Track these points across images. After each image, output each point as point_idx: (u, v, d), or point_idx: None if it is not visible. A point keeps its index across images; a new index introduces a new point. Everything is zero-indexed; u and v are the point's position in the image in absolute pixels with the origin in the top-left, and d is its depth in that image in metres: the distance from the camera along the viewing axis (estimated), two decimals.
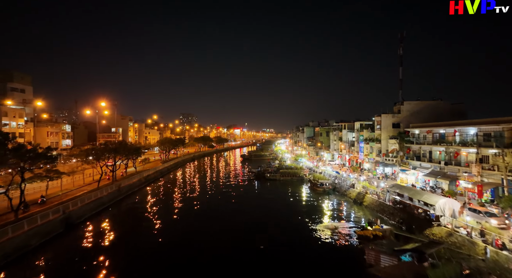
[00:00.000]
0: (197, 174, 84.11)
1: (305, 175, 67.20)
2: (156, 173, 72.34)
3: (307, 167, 75.90)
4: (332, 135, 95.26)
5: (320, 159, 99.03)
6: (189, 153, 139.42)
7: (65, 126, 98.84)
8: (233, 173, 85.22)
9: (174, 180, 72.95)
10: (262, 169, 73.05)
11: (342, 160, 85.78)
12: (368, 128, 71.32)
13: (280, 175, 67.73)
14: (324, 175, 60.25)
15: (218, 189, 61.67)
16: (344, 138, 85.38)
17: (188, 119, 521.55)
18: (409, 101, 62.94)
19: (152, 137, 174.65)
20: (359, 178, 50.62)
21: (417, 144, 51.46)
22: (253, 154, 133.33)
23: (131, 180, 55.77)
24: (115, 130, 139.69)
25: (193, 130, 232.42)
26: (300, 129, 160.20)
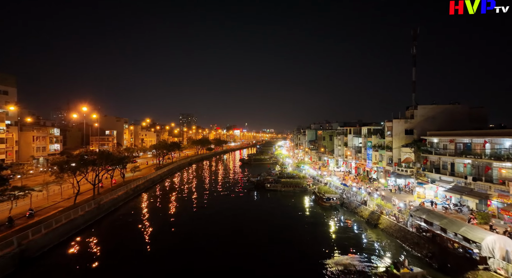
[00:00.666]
0: (192, 182, 78.13)
1: (308, 185, 61.20)
2: (147, 183, 66.27)
3: (310, 175, 69.90)
4: (336, 139, 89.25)
5: (323, 165, 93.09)
6: (186, 156, 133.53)
7: (53, 130, 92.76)
8: (231, 181, 79.22)
9: (166, 190, 66.94)
10: (261, 178, 67.07)
11: (348, 167, 79.80)
12: (377, 134, 65.34)
13: (282, 186, 61.73)
14: (330, 187, 54.24)
15: (214, 202, 55.67)
16: (350, 144, 79.37)
17: (187, 119, 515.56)
18: (424, 105, 56.93)
19: (148, 140, 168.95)
20: (373, 194, 44.44)
21: (436, 155, 45.42)
22: (252, 158, 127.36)
23: (115, 193, 49.73)
24: (109, 132, 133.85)
25: (192, 132, 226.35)
26: (302, 132, 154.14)
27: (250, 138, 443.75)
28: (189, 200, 57.06)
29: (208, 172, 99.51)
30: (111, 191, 50.51)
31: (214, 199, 58.12)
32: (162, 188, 68.51)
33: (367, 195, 43.39)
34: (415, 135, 56.10)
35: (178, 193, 62.87)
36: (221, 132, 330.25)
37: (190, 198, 59.03)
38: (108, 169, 49.21)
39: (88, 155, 46.66)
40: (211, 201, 56.47)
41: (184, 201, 56.59)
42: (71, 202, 43.02)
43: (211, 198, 58.53)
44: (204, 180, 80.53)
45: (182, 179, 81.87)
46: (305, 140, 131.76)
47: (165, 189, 67.72)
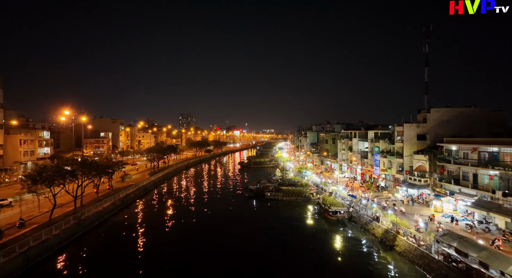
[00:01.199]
0: (188, 189, 73.36)
1: (312, 194, 56.44)
2: (138, 191, 61.46)
3: (313, 182, 65.13)
4: (339, 143, 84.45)
5: (326, 169, 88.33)
6: (184, 159, 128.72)
7: (42, 132, 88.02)
8: (229, 188, 74.46)
9: (159, 199, 62.16)
10: (261, 185, 62.31)
11: (353, 173, 75.07)
12: (385, 139, 60.58)
13: (283, 195, 56.95)
14: (336, 198, 49.47)
15: (210, 213, 50.95)
16: (355, 148, 74.60)
17: (187, 119, 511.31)
18: (437, 108, 52.17)
19: (146, 141, 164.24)
20: (387, 209, 39.47)
21: (455, 164, 40.65)
22: (252, 161, 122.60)
23: (101, 205, 44.98)
24: (104, 134, 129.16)
25: (190, 133, 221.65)
26: (303, 133, 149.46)
27: (250, 138, 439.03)
28: (182, 211, 52.32)
29: (205, 177, 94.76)
30: (97, 202, 45.79)
31: (210, 209, 53.38)
32: (154, 196, 63.71)
33: (379, 210, 38.53)
34: (428, 140, 51.39)
35: (171, 203, 58.12)
36: (221, 133, 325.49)
37: (184, 208, 54.30)
38: (92, 179, 44.28)
39: (70, 164, 41.83)
40: (206, 212, 51.73)
41: (178, 212, 51.86)
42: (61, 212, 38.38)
43: (207, 208, 53.79)
44: (201, 187, 75.75)
45: (177, 186, 77.10)
46: (307, 142, 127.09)
47: (158, 197, 62.94)
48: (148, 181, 69.49)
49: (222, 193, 67.51)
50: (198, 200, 60.62)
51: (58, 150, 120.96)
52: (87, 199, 49.17)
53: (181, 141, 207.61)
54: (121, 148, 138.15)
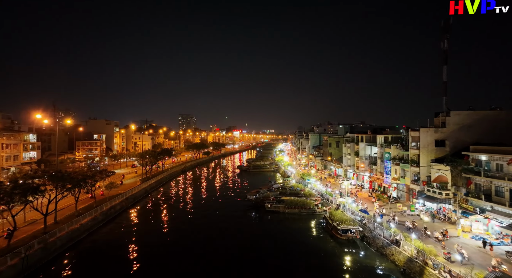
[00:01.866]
0: (181, 198, 67.60)
1: (316, 206, 50.65)
2: (126, 201, 55.70)
3: (317, 191, 59.36)
4: (345, 147, 78.67)
5: (331, 175, 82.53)
6: (182, 161, 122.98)
7: (28, 135, 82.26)
8: (226, 196, 68.67)
9: (147, 210, 56.41)
10: (261, 195, 56.56)
11: (359, 180, 69.30)
12: (396, 144, 54.80)
13: (285, 206, 51.15)
14: (344, 212, 43.69)
15: (203, 227, 45.20)
16: (362, 153, 68.85)
17: (187, 120, 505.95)
18: (458, 111, 46.45)
19: (142, 143, 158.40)
20: (410, 233, 33.51)
21: (486, 177, 34.87)
22: (252, 164, 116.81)
23: (77, 222, 39.20)
24: (98, 137, 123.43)
25: (189, 134, 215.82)
26: (304, 135, 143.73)
27: (250, 139, 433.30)
28: (174, 225, 46.58)
29: (202, 182, 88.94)
30: (75, 218, 40.09)
31: (204, 223, 47.66)
32: (143, 207, 57.92)
33: (399, 232, 32.68)
34: (447, 147, 45.67)
35: (162, 215, 52.37)
36: (220, 134, 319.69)
37: (175, 221, 48.54)
38: (65, 193, 38.43)
39: (39, 176, 36.04)
40: (200, 226, 45.96)
41: (168, 226, 46.12)
42: (16, 237, 32.58)
43: (201, 222, 48.07)
44: (196, 195, 69.96)
45: (171, 193, 71.28)
46: (308, 144, 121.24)
47: (148, 208, 57.16)
48: (138, 189, 63.70)
49: (218, 202, 61.74)
50: (192, 210, 54.87)
51: (49, 153, 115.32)
52: (65, 212, 43.51)
53: (180, 142, 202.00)
54: (115, 151, 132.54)
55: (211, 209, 55.74)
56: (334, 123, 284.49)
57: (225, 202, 61.47)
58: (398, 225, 36.67)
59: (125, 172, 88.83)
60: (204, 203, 61.36)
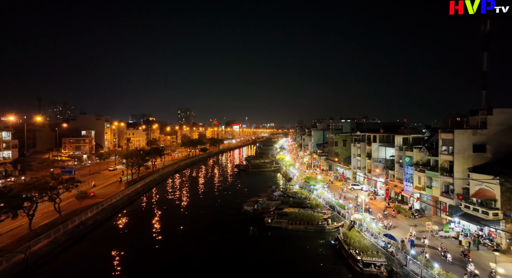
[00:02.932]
0: (170, 204, 59.21)
1: (326, 221, 42.07)
2: (102, 213, 47.15)
3: (326, 201, 50.80)
4: (354, 147, 69.97)
5: (337, 177, 73.93)
6: (176, 159, 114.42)
7: (1, 133, 73.42)
8: (221, 203, 60.22)
9: (128, 223, 48.01)
10: (259, 206, 48.03)
11: (371, 185, 60.81)
12: (420, 146, 46.10)
13: (288, 222, 42.56)
14: (362, 232, 35.17)
15: (190, 246, 36.78)
16: (375, 155, 60.18)
17: (186, 114, 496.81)
18: (502, 109, 37.57)
19: (136, 139, 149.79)
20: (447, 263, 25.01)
21: None
22: (250, 163, 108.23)
23: (23, 251, 30.62)
24: (86, 133, 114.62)
25: (186, 129, 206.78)
26: (306, 132, 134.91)
27: (250, 134, 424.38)
28: (154, 244, 38.16)
29: (195, 185, 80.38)
30: (28, 241, 31.67)
31: (192, 240, 39.41)
32: (123, 219, 49.42)
33: (441, 271, 24.13)
34: (488, 152, 36.95)
35: (141, 231, 43.91)
36: (219, 129, 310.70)
37: (157, 239, 40.09)
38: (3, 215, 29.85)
39: None
40: (186, 246, 37.59)
41: (147, 246, 37.66)
42: None
43: (188, 239, 39.74)
44: (186, 201, 61.49)
45: (158, 200, 62.68)
46: (311, 142, 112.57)
47: (127, 222, 48.62)
48: (120, 197, 55.15)
49: (211, 212, 53.27)
50: (179, 224, 46.40)
51: (33, 151, 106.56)
52: (16, 233, 35.10)
53: (177, 137, 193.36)
54: (106, 148, 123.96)
55: (202, 223, 47.32)
56: (336, 118, 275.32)
57: (219, 212, 52.97)
58: (432, 249, 28.10)
59: (112, 173, 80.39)
60: (194, 213, 52.93)
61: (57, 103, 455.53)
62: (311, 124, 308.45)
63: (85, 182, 64.67)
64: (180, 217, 50.51)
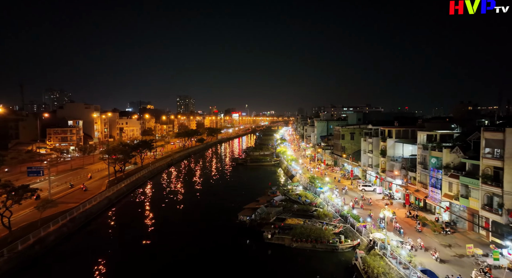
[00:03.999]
0: (154, 210, 51.53)
1: (338, 238, 34.14)
2: (69, 225, 39.20)
3: (335, 208, 42.86)
4: (364, 142, 61.66)
5: (345, 175, 65.93)
6: (170, 152, 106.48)
7: None
8: (214, 206, 52.51)
9: (99, 237, 40.24)
10: (258, 216, 40.08)
11: (385, 187, 52.96)
12: (454, 146, 37.78)
13: (291, 238, 34.57)
14: (388, 260, 27.34)
15: (174, 271, 29.15)
16: (391, 152, 51.99)
17: (185, 101, 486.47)
18: None
19: (130, 129, 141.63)
20: None
21: None
22: (249, 156, 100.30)
23: None
24: (73, 123, 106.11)
25: (183, 118, 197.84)
26: (309, 122, 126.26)
27: (250, 122, 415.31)
28: (129, 264, 30.46)
29: (187, 182, 72.47)
30: None
31: (175, 261, 31.66)
32: (97, 230, 41.68)
33: None
34: None
35: (116, 245, 36.21)
36: (218, 117, 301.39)
37: (135, 255, 32.39)
38: None
39: None
40: (170, 266, 29.91)
41: (120, 267, 29.97)
42: None
43: (171, 258, 32.04)
44: (174, 205, 53.65)
45: (142, 203, 54.82)
46: (314, 133, 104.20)
47: (101, 233, 40.87)
48: (96, 201, 47.20)
49: (202, 220, 45.50)
50: (162, 235, 38.75)
51: (16, 142, 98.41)
52: None
53: (173, 127, 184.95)
54: (96, 138, 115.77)
55: (190, 236, 39.58)
56: (338, 106, 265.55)
57: (210, 220, 45.13)
58: None
59: (97, 168, 72.47)
60: (182, 221, 45.22)
61: (54, 90, 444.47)
62: (312, 113, 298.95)
63: (61, 181, 56.97)
64: (165, 227, 42.78)
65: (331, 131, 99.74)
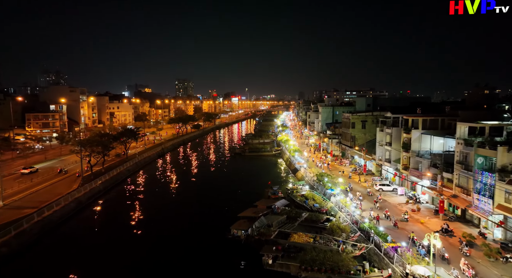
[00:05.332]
0: (132, 215, 42.85)
1: (361, 269, 25.26)
2: (7, 247, 30.42)
3: (351, 217, 33.98)
4: (380, 133, 52.22)
5: (356, 169, 56.84)
6: (163, 139, 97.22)
7: None
8: (204, 211, 43.79)
9: (57, 252, 31.70)
10: (255, 231, 31.14)
11: (406, 187, 44.04)
12: (507, 140, 28.43)
13: (300, 267, 25.79)
14: None
15: None
16: (416, 146, 42.65)
17: (184, 85, 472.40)
18: None
19: (121, 114, 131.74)
20: None
21: None
22: (248, 145, 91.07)
23: None
24: (55, 108, 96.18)
25: (180, 102, 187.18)
26: (312, 107, 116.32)
27: (250, 106, 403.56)
28: None
29: (175, 178, 63.18)
30: None
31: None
32: (53, 246, 32.97)
33: None
34: None
35: (79, 268, 27.60)
36: (216, 101, 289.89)
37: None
38: None
39: None
40: None
41: None
42: None
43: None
44: (156, 209, 44.75)
45: (119, 204, 45.72)
46: (318, 119, 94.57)
47: (59, 250, 32.23)
48: (61, 205, 38.32)
49: (187, 231, 36.84)
50: (139, 253, 30.14)
51: None
52: None
53: (169, 111, 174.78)
54: (83, 124, 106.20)
55: (172, 254, 30.93)
56: (341, 90, 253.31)
57: (197, 233, 36.24)
58: None
59: (76, 160, 63.25)
60: (163, 233, 36.47)
61: (50, 72, 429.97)
62: (313, 97, 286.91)
63: (27, 178, 48.22)
64: (143, 240, 34.15)
65: (337, 118, 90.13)
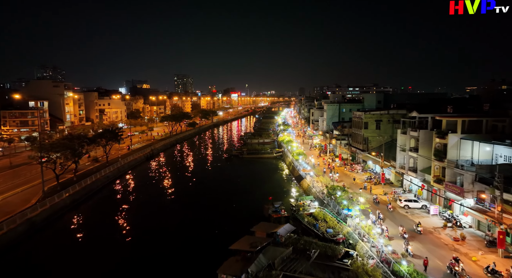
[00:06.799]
0: (101, 237, 34.29)
1: None
2: None
3: (379, 253, 25.41)
4: (402, 136, 43.41)
5: (371, 178, 47.98)
6: (153, 139, 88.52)
7: None
8: (192, 233, 35.20)
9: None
10: (252, 275, 22.66)
11: (441, 206, 35.33)
12: None
13: None
14: None
15: None
16: (453, 154, 33.85)
17: (183, 80, 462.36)
18: None
19: (113, 111, 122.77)
20: None
21: None
22: (247, 146, 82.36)
23: None
24: (35, 104, 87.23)
25: (176, 98, 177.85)
26: (316, 104, 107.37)
27: (249, 103, 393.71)
28: None
29: (162, 185, 54.79)
30: None
31: None
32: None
33: None
34: None
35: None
36: (215, 97, 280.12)
37: None
38: None
39: None
40: None
41: None
42: None
43: None
44: (136, 227, 36.20)
45: (88, 223, 37.43)
46: (323, 117, 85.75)
47: None
48: (3, 231, 29.71)
49: (171, 258, 28.26)
50: None
51: None
52: None
53: (165, 108, 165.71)
54: (68, 122, 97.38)
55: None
56: (343, 86, 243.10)
57: (192, 245, 27.77)
58: None
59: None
60: (140, 263, 27.88)
61: (47, 67, 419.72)
62: (316, 93, 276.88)
63: None
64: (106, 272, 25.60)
65: (343, 116, 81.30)
